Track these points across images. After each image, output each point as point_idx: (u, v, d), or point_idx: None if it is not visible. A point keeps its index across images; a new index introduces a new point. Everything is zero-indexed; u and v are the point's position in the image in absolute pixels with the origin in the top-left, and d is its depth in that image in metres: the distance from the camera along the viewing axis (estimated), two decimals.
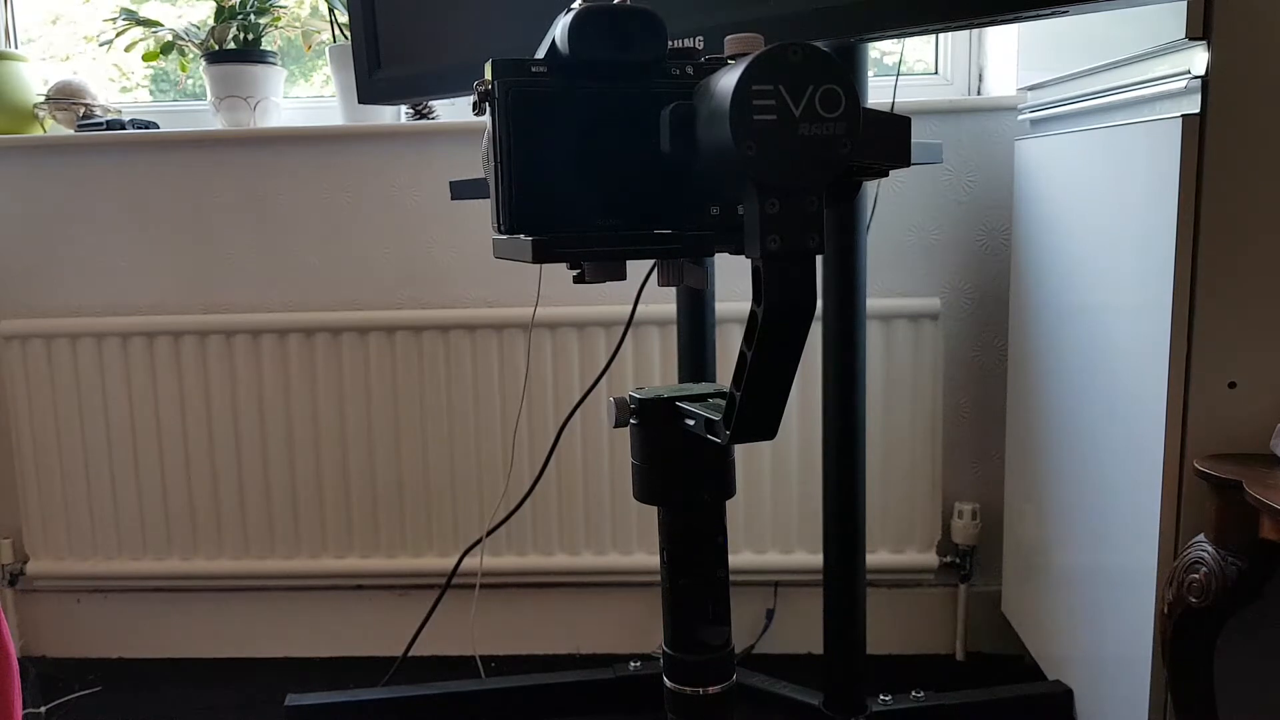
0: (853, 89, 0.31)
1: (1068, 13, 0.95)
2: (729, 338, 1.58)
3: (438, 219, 1.70)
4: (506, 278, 1.69)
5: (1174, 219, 0.97)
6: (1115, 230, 1.15)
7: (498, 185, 0.37)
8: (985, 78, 1.78)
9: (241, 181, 1.72)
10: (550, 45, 0.36)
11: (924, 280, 1.66)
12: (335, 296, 1.72)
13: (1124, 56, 1.12)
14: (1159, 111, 1.04)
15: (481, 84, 0.37)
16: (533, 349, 1.65)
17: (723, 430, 0.36)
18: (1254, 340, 0.98)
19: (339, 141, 1.71)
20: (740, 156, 0.30)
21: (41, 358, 1.70)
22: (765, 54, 0.30)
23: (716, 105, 0.32)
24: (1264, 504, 0.86)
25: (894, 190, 1.64)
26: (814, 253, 0.32)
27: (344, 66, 1.71)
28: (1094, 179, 1.22)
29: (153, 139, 1.73)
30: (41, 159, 1.73)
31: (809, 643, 1.73)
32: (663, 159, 0.36)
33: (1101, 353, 1.19)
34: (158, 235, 1.74)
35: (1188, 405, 0.99)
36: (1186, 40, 0.95)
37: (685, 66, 0.37)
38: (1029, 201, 1.47)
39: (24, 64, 1.85)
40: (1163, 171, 1.00)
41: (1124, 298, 1.12)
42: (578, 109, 0.37)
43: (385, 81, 1.26)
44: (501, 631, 1.76)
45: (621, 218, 0.38)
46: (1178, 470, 1.01)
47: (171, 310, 1.74)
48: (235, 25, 1.77)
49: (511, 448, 1.67)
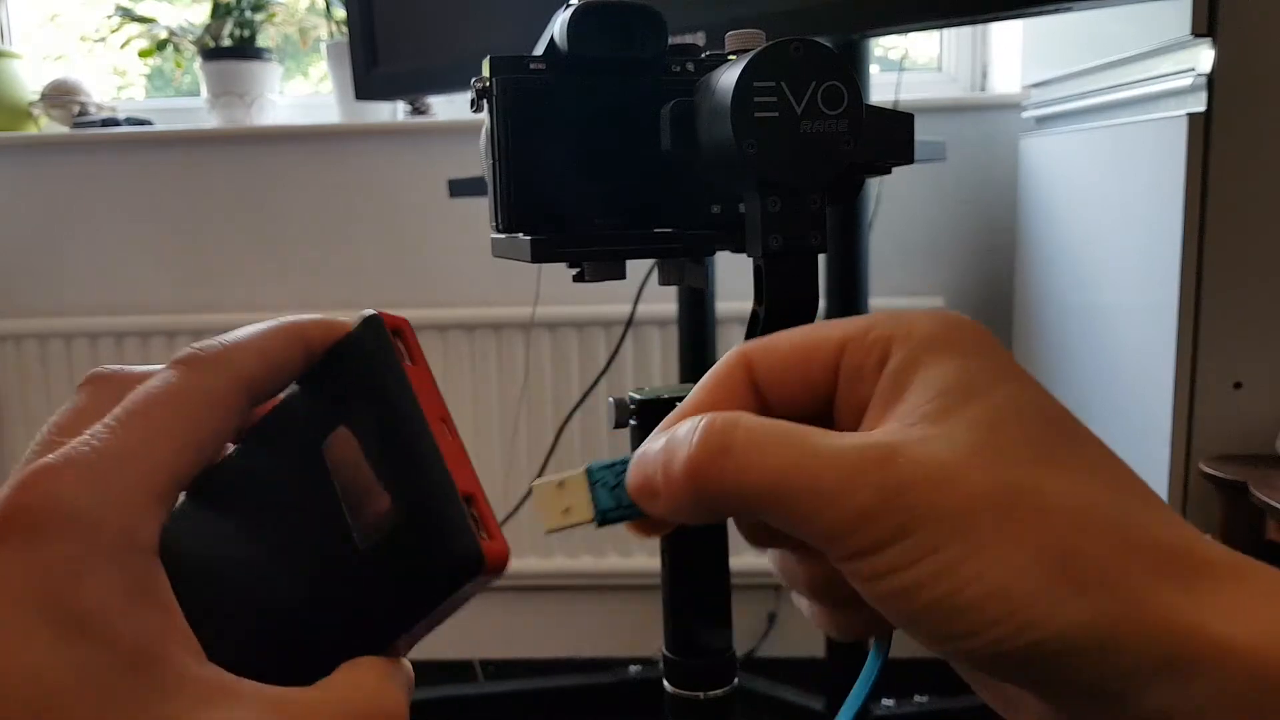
0: (855, 85, 0.30)
1: (1072, 9, 0.95)
2: (729, 338, 1.57)
3: (435, 217, 1.69)
4: (505, 276, 1.68)
5: (1179, 218, 0.97)
6: (1120, 229, 1.14)
7: (496, 183, 0.37)
8: (989, 74, 1.77)
9: (237, 179, 1.71)
10: (549, 42, 0.36)
11: (927, 279, 1.65)
12: (332, 295, 1.71)
13: (1129, 54, 1.11)
14: (1164, 109, 1.03)
15: (479, 80, 0.36)
16: (532, 349, 1.64)
17: None
18: (1260, 340, 0.97)
19: (336, 139, 1.70)
20: (741, 154, 0.30)
21: (35, 358, 1.70)
22: (767, 50, 0.30)
23: (717, 102, 0.31)
24: (1270, 506, 0.85)
25: (897, 188, 1.63)
26: (816, 251, 0.32)
27: (341, 63, 1.70)
28: (1098, 177, 1.21)
29: (148, 137, 1.72)
30: (36, 157, 1.73)
31: (811, 646, 1.72)
32: (663, 157, 0.35)
33: (1106, 352, 1.19)
34: (152, 233, 1.73)
35: (1193, 406, 0.99)
36: (1192, 37, 0.94)
37: (686, 63, 0.37)
38: (1033, 200, 1.46)
39: (19, 61, 1.84)
40: (1168, 170, 0.99)
41: (1129, 297, 1.12)
42: (577, 106, 0.36)
43: (382, 78, 1.26)
44: (500, 635, 1.76)
45: (621, 216, 0.37)
46: (1183, 472, 1.00)
47: (167, 310, 1.73)
48: (231, 22, 1.76)
49: (510, 448, 1.66)
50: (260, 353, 0.25)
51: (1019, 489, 0.22)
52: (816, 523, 0.22)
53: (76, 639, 0.20)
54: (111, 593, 0.21)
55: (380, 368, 0.25)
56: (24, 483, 0.21)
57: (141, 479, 0.22)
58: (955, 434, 0.22)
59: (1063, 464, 0.22)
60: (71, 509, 0.21)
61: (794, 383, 0.26)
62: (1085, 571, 0.21)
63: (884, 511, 0.21)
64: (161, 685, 0.21)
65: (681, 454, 0.23)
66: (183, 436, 0.23)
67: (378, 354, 0.25)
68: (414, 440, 0.24)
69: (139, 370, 0.25)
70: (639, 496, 0.25)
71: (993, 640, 0.21)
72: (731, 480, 0.23)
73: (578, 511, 0.25)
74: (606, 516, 0.26)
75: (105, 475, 0.21)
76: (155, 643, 0.21)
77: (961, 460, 0.22)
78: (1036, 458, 0.22)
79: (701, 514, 0.24)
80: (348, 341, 0.26)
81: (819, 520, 0.22)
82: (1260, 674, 0.20)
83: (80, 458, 0.22)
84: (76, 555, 0.21)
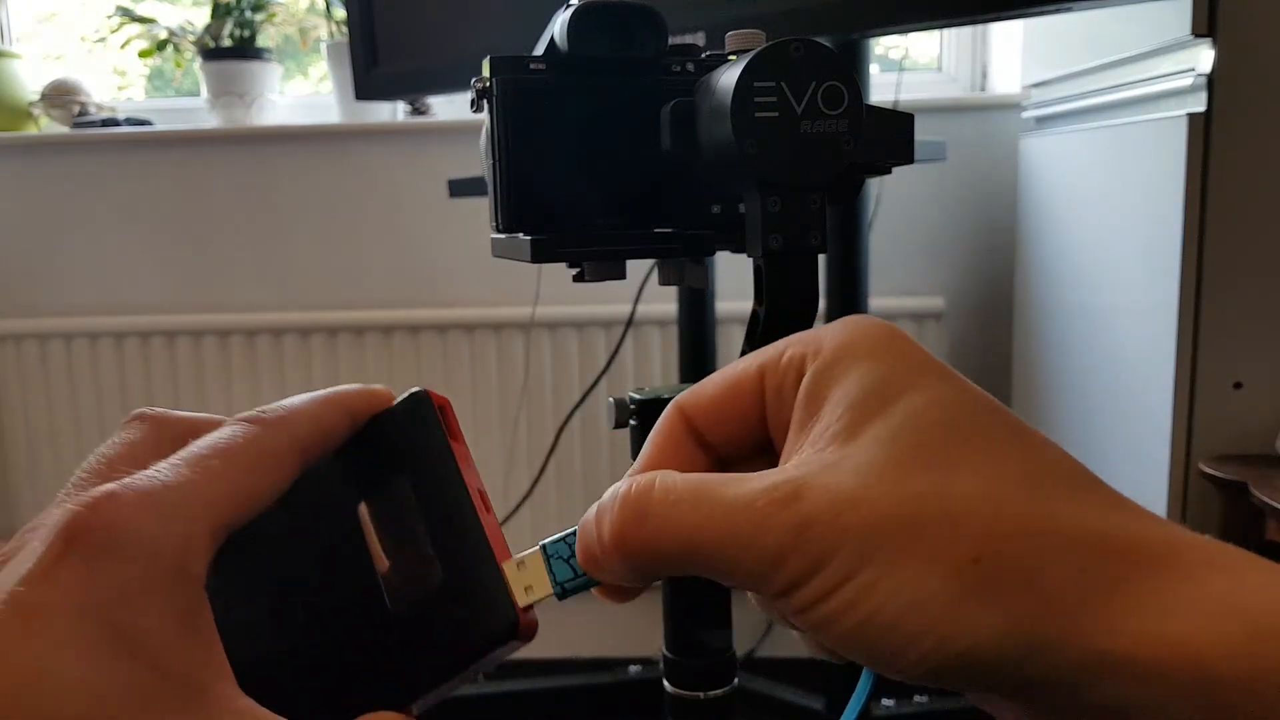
0: (855, 85, 0.30)
1: (1072, 9, 0.94)
2: (729, 338, 1.57)
3: (435, 217, 1.69)
4: (505, 277, 1.68)
5: (1179, 218, 0.97)
6: (1120, 229, 1.14)
7: (496, 183, 0.37)
8: (989, 74, 1.77)
9: (237, 179, 1.71)
10: (549, 42, 0.36)
11: (927, 279, 1.65)
12: (332, 296, 1.71)
13: (1129, 54, 1.11)
14: (1164, 109, 1.03)
15: (479, 81, 0.36)
16: (532, 349, 1.64)
17: None
18: (1260, 340, 0.97)
19: (335, 139, 1.70)
20: (741, 154, 0.30)
21: (35, 358, 1.70)
22: (767, 50, 0.30)
23: (717, 102, 0.31)
24: (1270, 506, 0.85)
25: (897, 188, 1.63)
26: (816, 251, 0.32)
27: (341, 63, 1.70)
28: (1099, 177, 1.21)
29: (148, 137, 1.72)
30: (36, 157, 1.73)
31: None
32: (663, 157, 0.35)
33: (1106, 353, 1.19)
34: (152, 234, 1.73)
35: (1193, 406, 0.98)
36: (1192, 37, 0.94)
37: (686, 63, 0.37)
38: (1033, 200, 1.46)
39: (18, 61, 1.84)
40: (1168, 170, 0.99)
41: (1129, 297, 1.12)
42: (577, 106, 0.36)
43: (382, 78, 1.26)
44: None
45: (621, 216, 0.37)
46: (1183, 472, 1.00)
47: (166, 310, 1.72)
48: (231, 22, 1.76)
49: (510, 448, 1.66)
50: (315, 420, 0.27)
51: (925, 499, 0.22)
52: (738, 571, 0.23)
53: (129, 659, 0.21)
54: (165, 619, 0.22)
55: (427, 439, 0.27)
56: (94, 504, 0.22)
57: (201, 517, 0.23)
58: (860, 454, 0.22)
59: (972, 464, 0.22)
60: (136, 535, 0.22)
61: (730, 421, 0.26)
62: (999, 577, 0.21)
63: (796, 549, 0.22)
64: (204, 711, 0.21)
65: (605, 523, 0.24)
66: (241, 485, 0.24)
67: (425, 426, 0.27)
68: (456, 510, 0.26)
69: (190, 416, 0.27)
70: (587, 567, 0.26)
71: (920, 657, 0.21)
72: (652, 544, 0.24)
73: (539, 587, 0.26)
74: (565, 589, 0.26)
75: (168, 508, 0.23)
76: (200, 671, 0.22)
77: (867, 481, 0.22)
78: (944, 462, 0.22)
79: (641, 577, 0.25)
80: (394, 413, 0.28)
81: (739, 568, 0.23)
82: (1206, 671, 0.20)
83: (147, 488, 0.23)
84: (136, 579, 0.21)
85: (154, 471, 0.23)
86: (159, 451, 0.25)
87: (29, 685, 0.20)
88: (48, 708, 0.20)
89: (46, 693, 0.20)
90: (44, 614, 0.20)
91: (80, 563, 0.21)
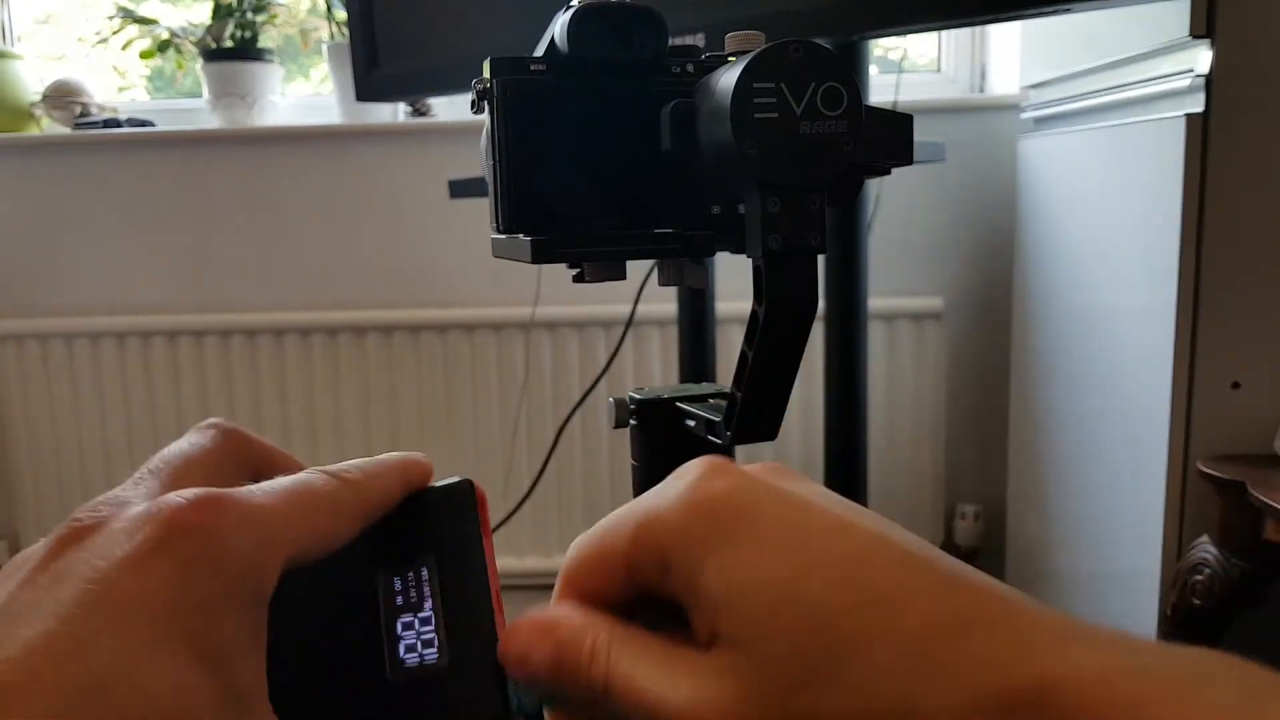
0: (855, 86, 0.30)
1: (1071, 9, 0.94)
2: (729, 338, 1.57)
3: (436, 217, 1.69)
4: (505, 277, 1.69)
5: (1178, 218, 0.97)
6: (1119, 229, 1.14)
7: (496, 184, 0.37)
8: (988, 75, 1.78)
9: (238, 180, 1.71)
10: (549, 43, 0.36)
11: (927, 279, 1.65)
12: (332, 296, 1.72)
13: (1127, 55, 1.11)
14: (1163, 110, 1.03)
15: (479, 82, 0.36)
16: (532, 349, 1.64)
17: (723, 431, 0.35)
18: (1258, 340, 0.97)
19: (336, 139, 1.70)
20: (741, 155, 0.30)
21: (37, 358, 1.70)
22: (766, 51, 0.30)
23: (717, 103, 0.31)
24: (1268, 505, 0.85)
25: (897, 189, 1.64)
26: (816, 252, 0.32)
27: (342, 64, 1.70)
28: (1097, 178, 1.22)
29: (149, 137, 1.72)
30: (38, 158, 1.73)
31: None
32: (663, 158, 0.35)
33: (1105, 352, 1.19)
34: (154, 234, 1.73)
35: (1191, 406, 0.99)
36: (1190, 38, 0.95)
37: (686, 64, 0.37)
38: (1032, 200, 1.46)
39: (20, 62, 1.84)
40: (1166, 170, 0.99)
41: (1127, 297, 1.12)
42: (577, 107, 0.36)
43: (383, 79, 1.26)
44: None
45: (621, 217, 0.37)
46: (1181, 471, 1.00)
47: (168, 310, 1.73)
48: (232, 23, 1.76)
49: (510, 449, 1.66)
50: (384, 489, 0.28)
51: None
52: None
53: (205, 668, 0.22)
54: (239, 633, 0.23)
55: (463, 527, 0.29)
56: (199, 504, 0.23)
57: (283, 545, 0.24)
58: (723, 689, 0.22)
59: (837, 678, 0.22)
60: (231, 548, 0.23)
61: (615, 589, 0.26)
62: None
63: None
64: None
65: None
66: (320, 530, 0.26)
67: (463, 514, 0.29)
68: (475, 601, 0.28)
69: (266, 443, 0.29)
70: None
71: None
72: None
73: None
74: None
75: (264, 530, 0.24)
76: (255, 686, 0.23)
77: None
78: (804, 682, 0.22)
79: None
80: (436, 492, 0.30)
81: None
82: None
83: (249, 507, 0.24)
84: (221, 592, 0.23)
85: (256, 492, 0.24)
86: (236, 467, 0.27)
87: (112, 678, 0.20)
88: (126, 704, 0.20)
89: (127, 689, 0.20)
90: (135, 607, 0.21)
91: (174, 561, 0.22)
